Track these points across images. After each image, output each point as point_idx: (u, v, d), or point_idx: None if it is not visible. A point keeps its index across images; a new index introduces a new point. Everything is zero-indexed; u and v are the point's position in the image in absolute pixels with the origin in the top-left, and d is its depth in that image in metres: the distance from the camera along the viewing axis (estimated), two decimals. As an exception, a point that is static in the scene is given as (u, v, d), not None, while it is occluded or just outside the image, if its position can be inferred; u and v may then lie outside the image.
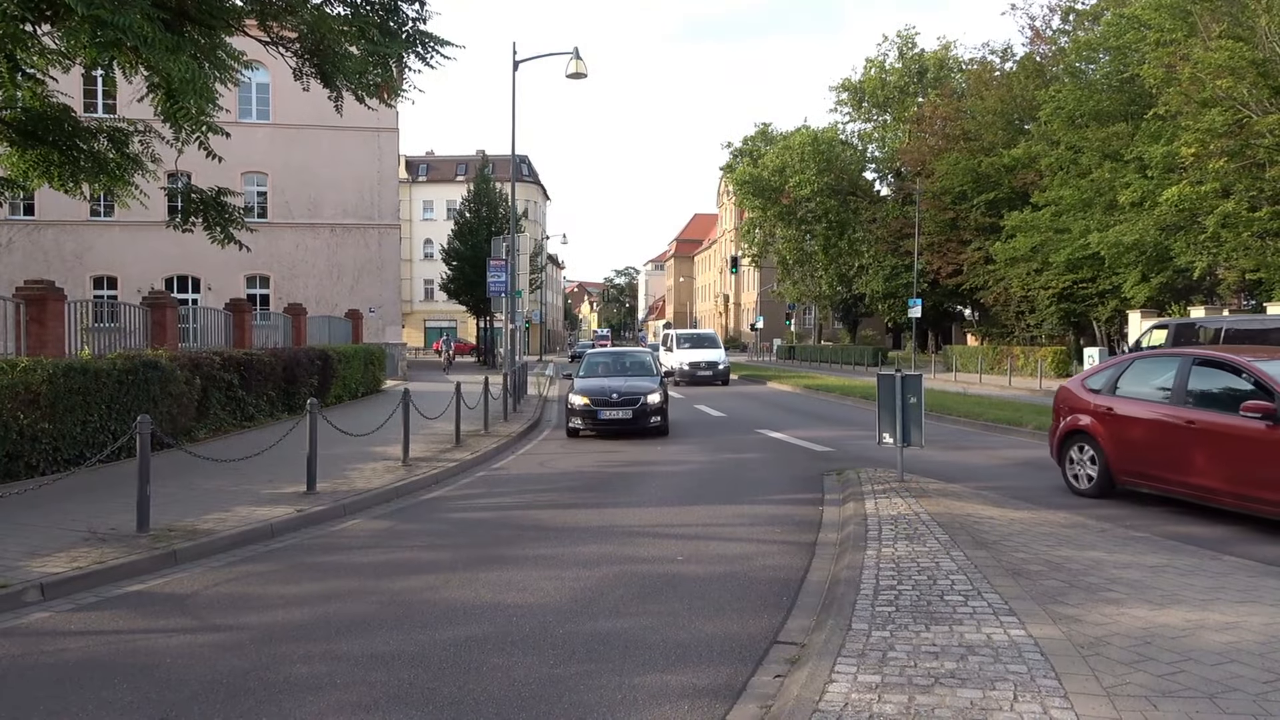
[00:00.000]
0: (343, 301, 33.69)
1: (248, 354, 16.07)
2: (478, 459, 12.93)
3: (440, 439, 14.60)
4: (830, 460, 12.76)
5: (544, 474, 12.07)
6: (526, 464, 13.01)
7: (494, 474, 12.04)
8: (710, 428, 17.81)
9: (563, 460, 13.51)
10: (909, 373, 10.17)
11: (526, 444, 15.49)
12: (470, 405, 15.64)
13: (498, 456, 13.67)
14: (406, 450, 11.92)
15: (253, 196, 33.85)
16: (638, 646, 5.32)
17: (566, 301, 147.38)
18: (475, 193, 50.12)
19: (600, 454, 14.11)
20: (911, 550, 6.85)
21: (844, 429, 17.40)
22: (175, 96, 9.24)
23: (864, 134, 52.54)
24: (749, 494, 10.21)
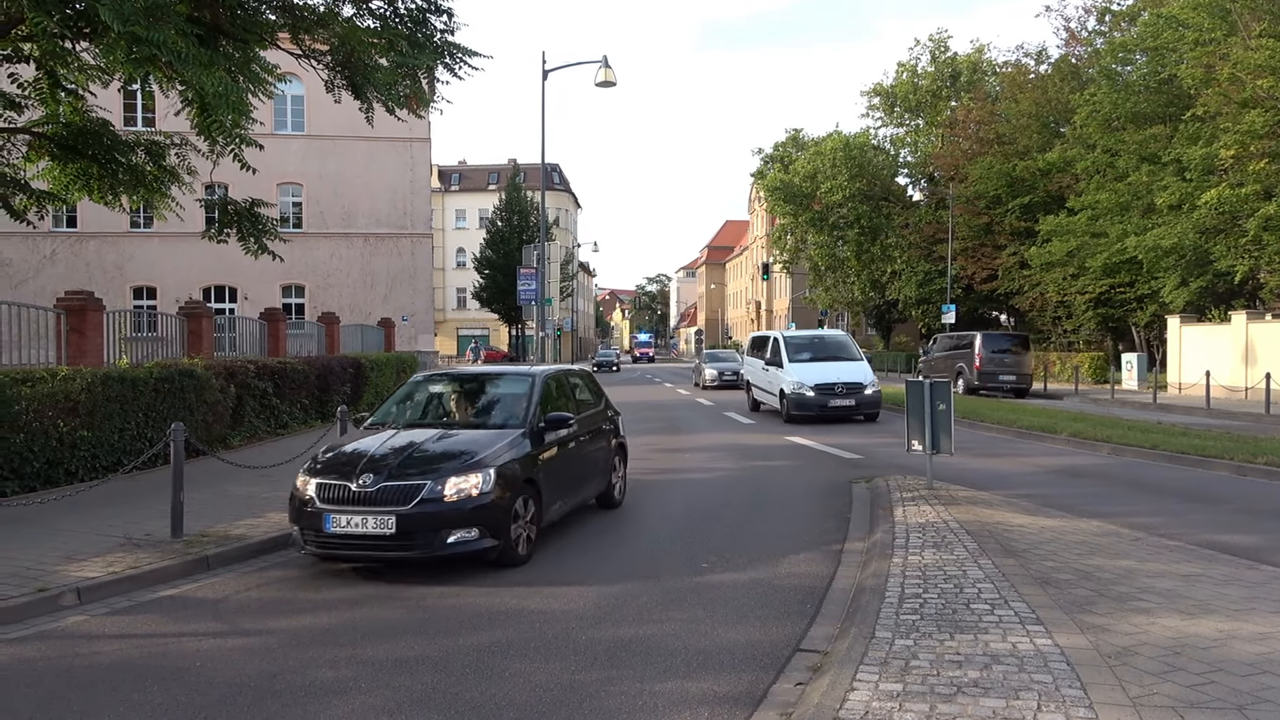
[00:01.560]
0: (376, 310, 34.09)
1: (282, 362, 16.31)
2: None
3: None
4: (859, 467, 12.67)
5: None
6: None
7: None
8: (739, 434, 17.80)
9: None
10: (938, 379, 10.09)
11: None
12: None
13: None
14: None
15: (288, 207, 34.41)
16: (660, 653, 5.33)
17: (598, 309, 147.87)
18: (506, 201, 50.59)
19: (633, 461, 14.04)
20: (938, 558, 6.80)
21: (874, 435, 17.30)
22: (209, 110, 9.44)
23: (896, 139, 52.22)
24: (776, 501, 10.17)
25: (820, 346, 20.90)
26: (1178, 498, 10.03)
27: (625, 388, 38.83)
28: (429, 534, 6.71)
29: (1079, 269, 33.17)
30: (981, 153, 40.94)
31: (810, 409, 18.85)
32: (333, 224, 34.83)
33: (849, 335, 21.68)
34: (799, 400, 19.00)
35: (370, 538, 6.72)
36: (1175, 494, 10.28)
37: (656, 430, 19.12)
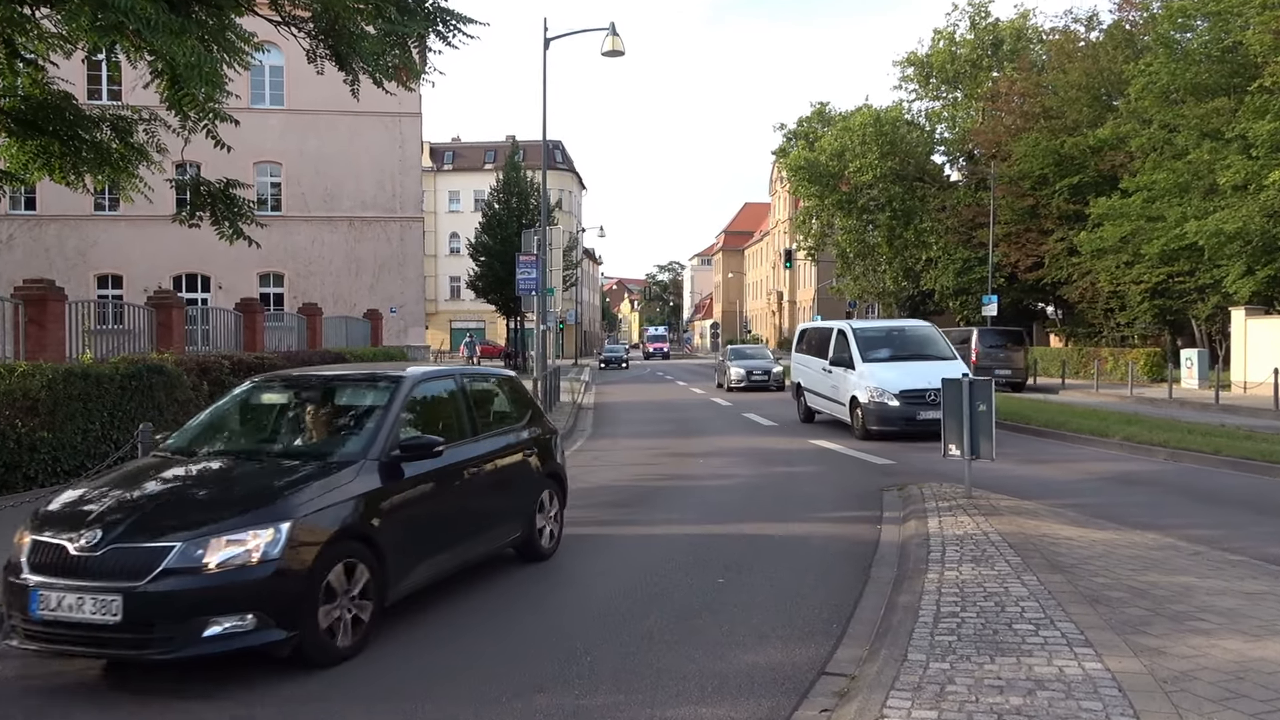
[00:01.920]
0: (361, 300, 34.20)
1: (259, 357, 16.37)
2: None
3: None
4: (891, 474, 12.68)
5: (575, 488, 12.11)
6: (556, 477, 13.15)
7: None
8: (759, 438, 17.80)
9: (598, 473, 13.58)
10: (978, 377, 10.06)
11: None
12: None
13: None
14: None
15: (266, 188, 34.53)
16: (671, 676, 5.35)
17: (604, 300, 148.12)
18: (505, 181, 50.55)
19: (639, 466, 14.17)
20: (978, 573, 6.79)
21: (907, 440, 17.37)
22: (180, 83, 9.45)
23: (932, 113, 52.08)
24: (799, 511, 10.19)
25: (900, 341, 17.93)
26: (1242, 508, 9.99)
27: (632, 386, 38.82)
28: (175, 623, 4.85)
29: (1133, 256, 33.01)
30: (1026, 128, 40.79)
31: (894, 422, 16.05)
32: (314, 206, 34.93)
33: (934, 327, 18.65)
34: (880, 411, 16.20)
35: (88, 627, 4.87)
36: (1239, 504, 10.24)
37: (665, 433, 19.15)
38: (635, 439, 18.18)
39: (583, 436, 18.80)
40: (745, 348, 36.92)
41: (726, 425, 20.77)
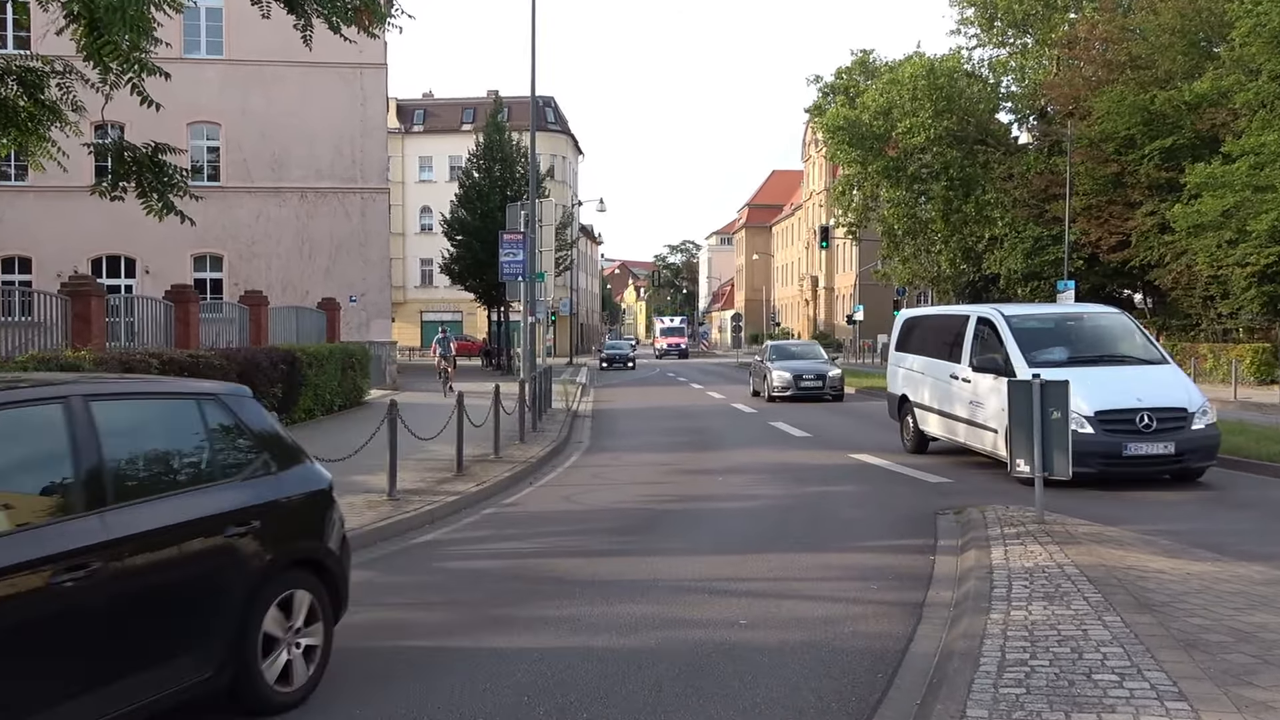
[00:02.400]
0: (315, 288, 34.30)
1: (193, 356, 16.44)
2: (485, 491, 13.12)
3: (437, 466, 14.83)
4: (947, 494, 12.73)
5: (571, 511, 12.20)
6: (548, 498, 13.17)
7: (506, 511, 12.20)
8: (789, 451, 17.80)
9: (595, 494, 13.61)
10: (1052, 378, 10.05)
11: (549, 472, 15.69)
12: (477, 423, 15.85)
13: (511, 488, 13.87)
14: (393, 480, 12.12)
15: (202, 153, 34.63)
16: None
17: (605, 287, 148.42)
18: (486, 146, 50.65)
19: (645, 485, 14.20)
20: (1050, 614, 6.79)
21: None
22: (100, 28, 9.46)
23: (996, 63, 51.98)
24: (837, 538, 10.20)
25: (1080, 337, 14.81)
26: (1368, 535, 9.97)
27: (639, 389, 38.87)
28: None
29: (1238, 234, 32.92)
30: (1109, 80, 40.72)
31: (1088, 460, 12.42)
32: (259, 176, 35.03)
33: (1128, 316, 15.57)
34: (1095, 448, 12.68)
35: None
36: (1364, 531, 10.22)
37: (677, 445, 19.24)
38: (641, 453, 18.24)
39: (578, 450, 18.85)
40: (790, 344, 35.58)
41: (750, 436, 20.79)
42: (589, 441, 20.55)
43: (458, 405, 14.73)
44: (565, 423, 22.63)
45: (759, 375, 32.10)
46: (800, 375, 29.67)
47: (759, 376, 32.05)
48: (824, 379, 29.72)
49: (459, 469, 14.35)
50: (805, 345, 35.47)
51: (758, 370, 32.72)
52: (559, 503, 12.85)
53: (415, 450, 15.99)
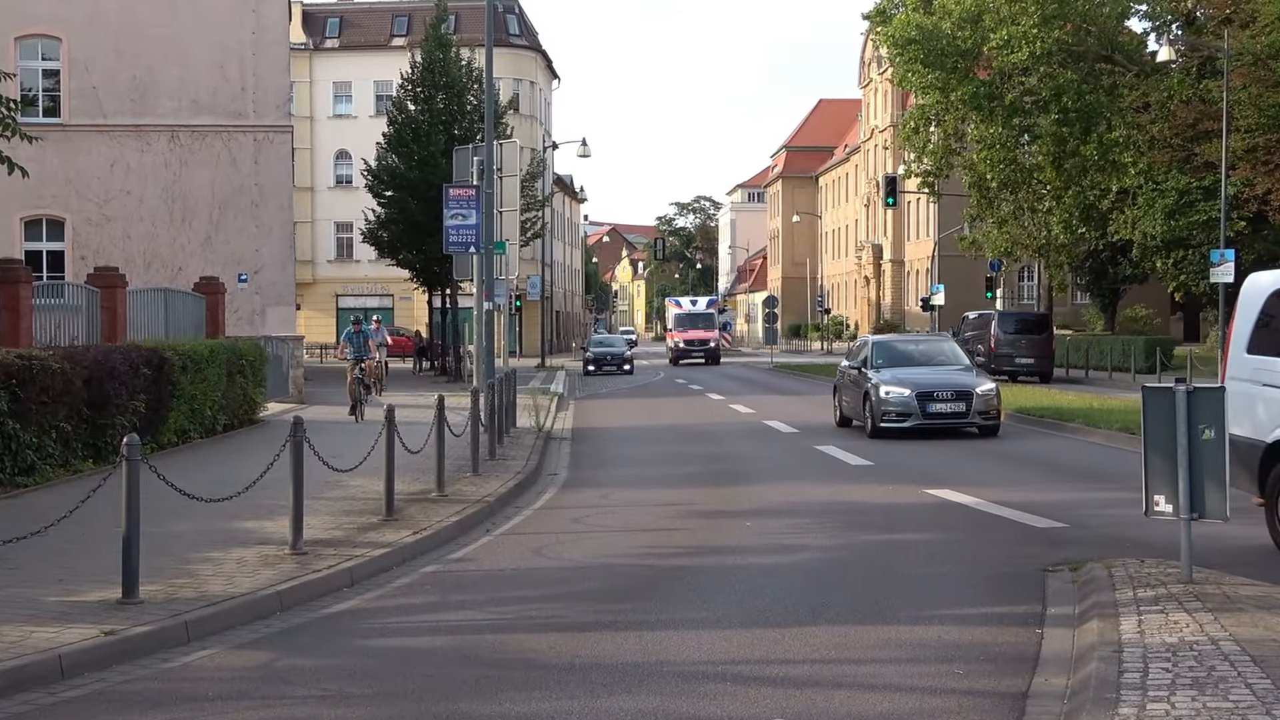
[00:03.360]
0: (192, 263, 34.26)
1: (23, 357, 16.41)
2: (425, 542, 13.09)
3: (360, 507, 14.80)
4: (1059, 543, 12.74)
5: (542, 570, 12.18)
6: (511, 551, 13.16)
7: (453, 569, 12.18)
8: (842, 485, 17.90)
9: (576, 545, 13.61)
10: (1204, 384, 10.06)
11: (512, 515, 15.69)
12: (414, 448, 15.80)
13: (461, 538, 13.83)
14: (299, 527, 12.10)
15: (34, 79, 34.58)
16: None
17: (590, 261, 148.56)
18: (425, 68, 50.53)
19: (645, 533, 14.22)
20: (1202, 707, 6.79)
21: (1085, 486, 17.32)
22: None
23: (1127, -50, 51.98)
24: (908, 605, 10.20)
25: None
26: None
27: (636, 402, 38.82)
28: None
29: None
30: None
31: None
32: (114, 110, 34.98)
33: None
34: None
35: None
36: None
37: (688, 478, 19.29)
38: (639, 488, 18.24)
39: (552, 485, 18.84)
40: (902, 343, 30.63)
41: (790, 466, 20.85)
42: (567, 473, 20.52)
43: (387, 425, 14.72)
44: (534, 448, 22.59)
45: (852, 393, 27.04)
46: (929, 393, 24.76)
47: (851, 394, 27.09)
48: (968, 399, 24.78)
49: (389, 511, 14.31)
50: (930, 342, 30.77)
51: (849, 384, 27.48)
52: (526, 557, 12.82)
53: (330, 486, 15.92)
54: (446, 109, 49.80)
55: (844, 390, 28.06)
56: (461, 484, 17.11)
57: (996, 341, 45.04)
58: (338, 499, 15.27)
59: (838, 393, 28.81)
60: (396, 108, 52.01)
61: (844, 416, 27.87)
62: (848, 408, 27.54)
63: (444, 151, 43.72)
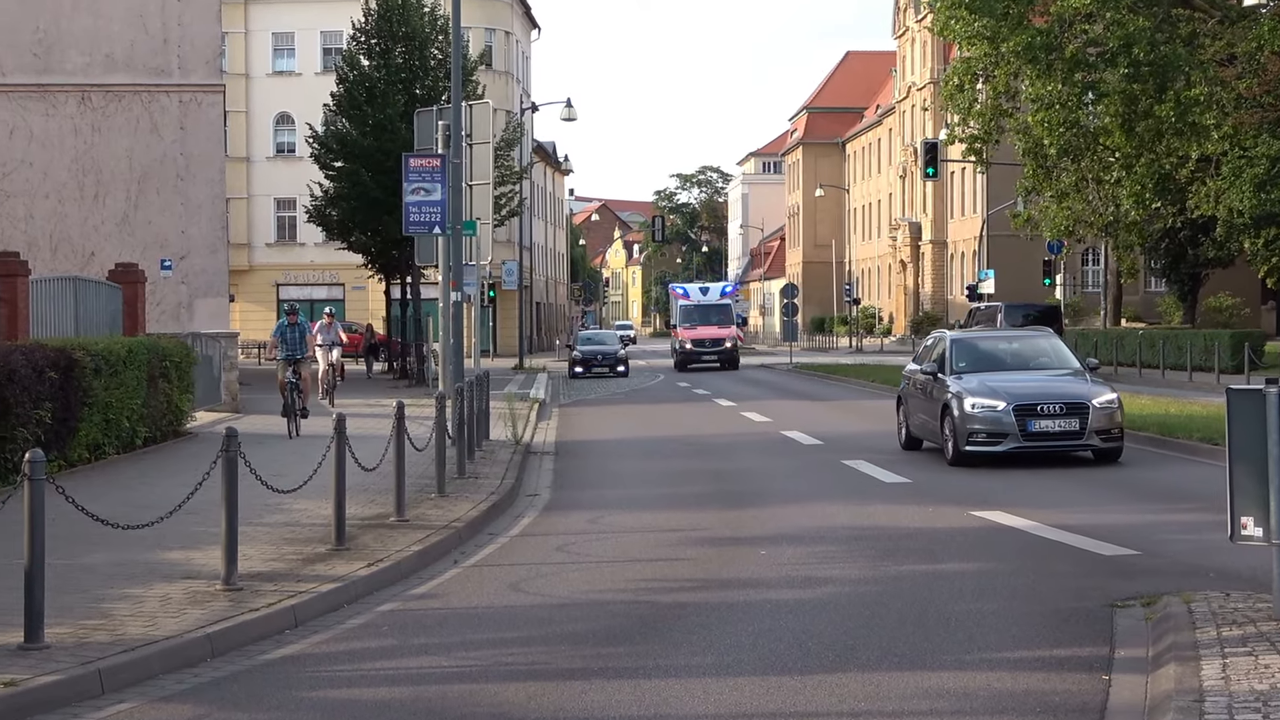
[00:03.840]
0: (106, 247, 34.21)
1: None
2: (382, 576, 13.03)
3: (305, 535, 14.79)
4: (1129, 574, 12.72)
5: (519, 608, 12.14)
6: (484, 586, 13.11)
7: (415, 607, 12.14)
8: (875, 506, 17.89)
9: (561, 578, 13.58)
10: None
11: (486, 544, 15.68)
12: (368, 465, 15.76)
13: (424, 570, 13.79)
14: (233, 559, 12.03)
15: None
16: None
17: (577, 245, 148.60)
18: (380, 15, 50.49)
19: (643, 564, 14.24)
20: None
21: (1160, 507, 17.34)
22: None
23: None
24: (952, 647, 10.17)
25: None
26: None
27: (631, 409, 38.84)
28: None
29: None
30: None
31: None
32: (14, 66, 34.92)
33: None
34: None
35: None
36: None
37: (694, 499, 19.34)
38: (635, 511, 18.28)
39: (532, 507, 18.80)
40: (990, 340, 28.16)
41: (813, 484, 20.91)
42: (549, 494, 20.55)
43: (337, 437, 14.67)
44: (511, 464, 22.56)
45: (923, 406, 24.80)
46: (1030, 406, 22.38)
47: (923, 408, 24.85)
48: (1083, 413, 22.33)
49: (339, 540, 14.25)
50: (1026, 339, 27.67)
51: (920, 394, 25.19)
52: (501, 593, 12.76)
53: (270, 509, 15.90)
54: (406, 64, 49.80)
55: (912, 402, 25.55)
56: (425, 507, 17.10)
57: None
58: (279, 525, 15.25)
59: (902, 405, 26.21)
60: (347, 63, 51.95)
61: (911, 436, 25.45)
62: (918, 425, 25.08)
63: (403, 115, 43.79)
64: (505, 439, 26.12)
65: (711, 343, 67.95)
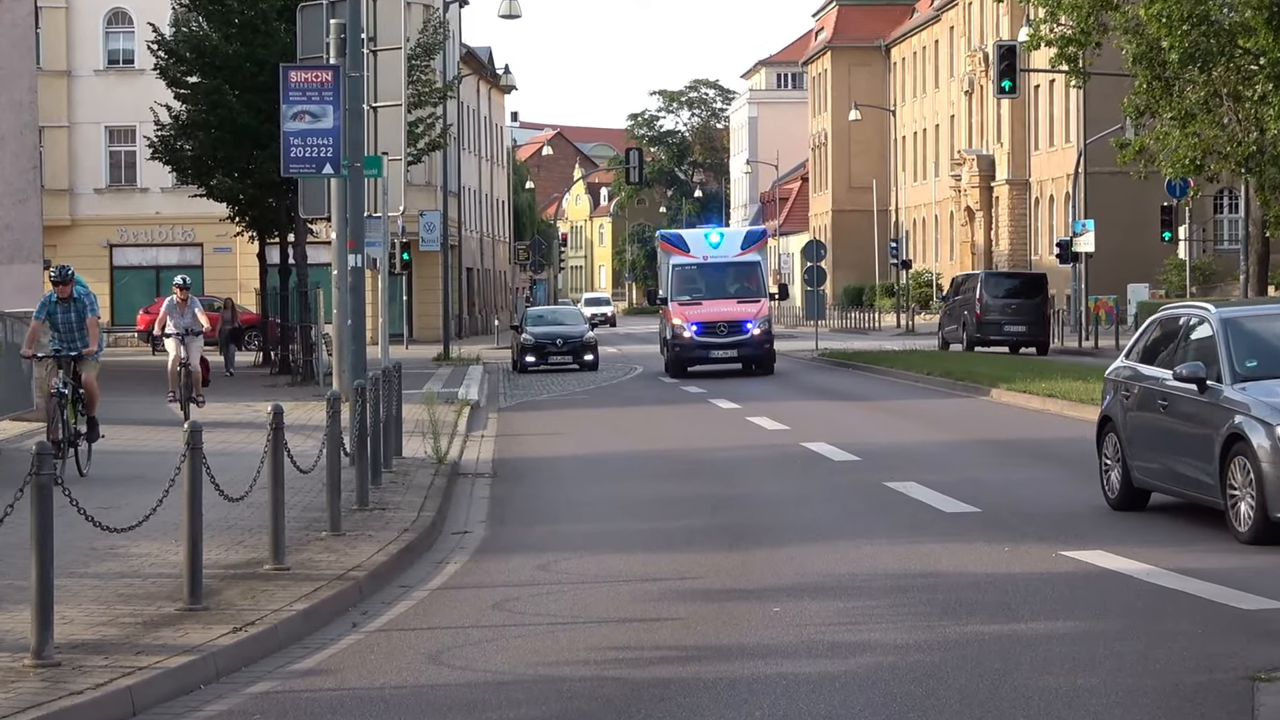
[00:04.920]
0: None
1: None
2: (253, 643, 12.94)
3: (149, 587, 14.74)
4: (1274, 632, 12.80)
5: (443, 688, 12.13)
6: (394, 657, 13.03)
7: (299, 689, 12.11)
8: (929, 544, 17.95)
9: (498, 646, 13.52)
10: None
11: (395, 600, 15.64)
12: (233, 494, 15.70)
13: (312, 636, 13.72)
14: (46, 622, 11.99)
15: None
16: None
17: (522, 187, 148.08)
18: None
19: (612, 627, 14.16)
20: None
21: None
22: None
23: None
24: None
25: None
26: None
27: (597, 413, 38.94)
28: None
29: None
30: None
31: None
32: None
33: None
34: None
35: None
36: None
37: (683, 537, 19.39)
38: (601, 553, 18.31)
39: (461, 551, 18.70)
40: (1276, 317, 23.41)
41: (845, 515, 21.01)
42: (485, 530, 20.62)
43: (189, 453, 14.62)
44: (432, 490, 22.55)
45: (1166, 434, 20.94)
46: None
47: (1165, 438, 20.96)
48: None
49: (194, 596, 14.19)
50: None
51: (1157, 412, 21.26)
52: (418, 668, 12.66)
53: (100, 555, 15.87)
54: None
55: (1135, 425, 21.85)
56: (313, 550, 17.07)
57: (983, 307, 54.84)
58: (113, 576, 15.19)
59: (1113, 432, 22.24)
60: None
61: (1134, 486, 21.42)
62: (1157, 470, 20.93)
63: (282, 11, 43.75)
64: (424, 456, 26.13)
65: (728, 328, 56.41)
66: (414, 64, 49.87)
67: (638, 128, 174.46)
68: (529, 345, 60.01)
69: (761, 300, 57.72)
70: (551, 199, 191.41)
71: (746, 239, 62.42)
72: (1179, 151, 55.23)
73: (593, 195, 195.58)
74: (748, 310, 56.28)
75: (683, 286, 58.04)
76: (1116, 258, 70.75)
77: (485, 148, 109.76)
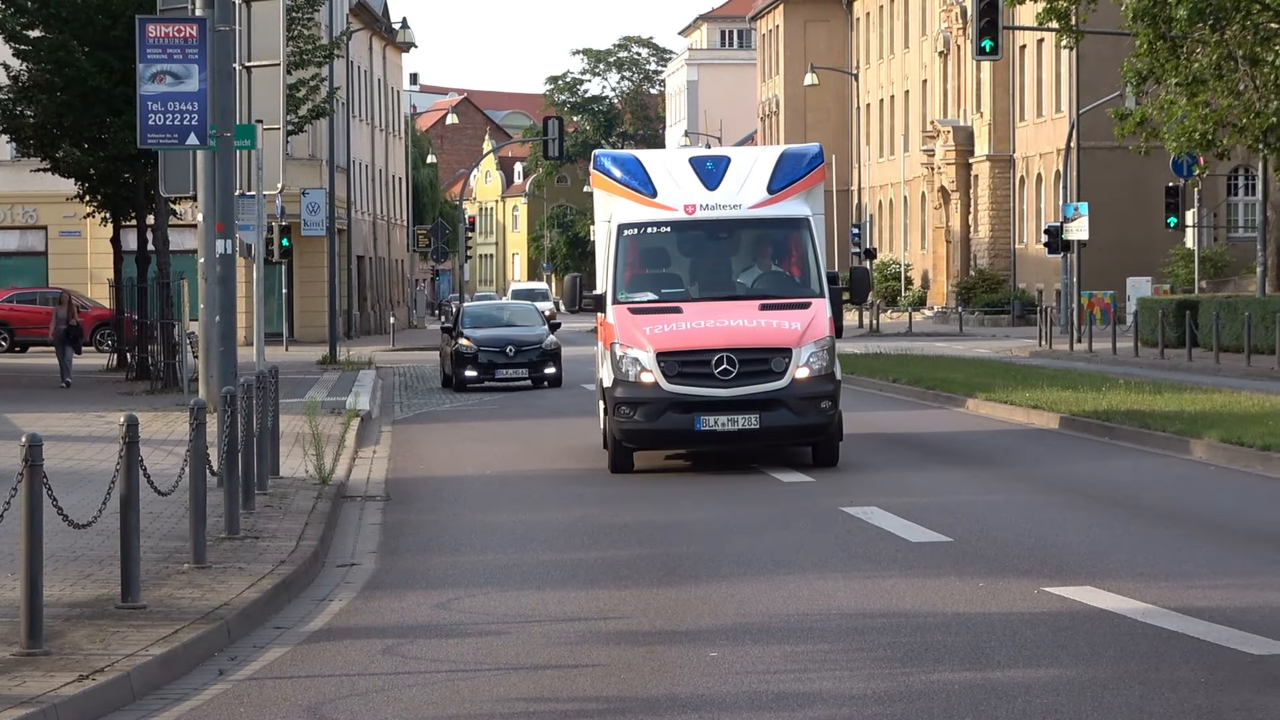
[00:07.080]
0: None
1: None
2: (100, 695, 12.84)
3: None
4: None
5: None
6: (265, 711, 12.89)
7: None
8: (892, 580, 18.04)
9: (388, 698, 13.43)
10: None
11: (268, 644, 15.56)
12: (80, 520, 15.64)
13: (170, 687, 13.64)
14: None
15: None
16: None
17: (423, 162, 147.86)
18: None
19: (520, 673, 14.19)
20: None
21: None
22: None
23: None
24: None
25: None
26: None
27: (503, 426, 39.06)
28: None
29: None
30: None
31: None
32: None
33: None
34: None
35: None
36: None
37: (610, 570, 19.56)
38: (512, 589, 18.41)
39: (348, 586, 18.72)
40: None
41: (794, 544, 21.11)
42: (375, 562, 20.69)
43: (27, 472, 14.59)
44: (314, 514, 22.57)
45: None
46: None
47: None
48: None
49: (33, 638, 14.14)
50: None
51: None
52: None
53: None
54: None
55: None
56: (174, 584, 17.05)
57: None
58: None
59: None
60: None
61: None
62: None
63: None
64: (305, 475, 26.18)
65: (741, 368, 30.88)
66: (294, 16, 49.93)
67: (558, 93, 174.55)
68: (468, 355, 53.68)
69: (814, 305, 32.57)
70: (457, 176, 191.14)
71: (780, 170, 34.22)
72: (1186, 123, 55.51)
73: (505, 172, 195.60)
74: (783, 328, 31.84)
75: (641, 274, 33.93)
76: (1114, 247, 71.15)
77: (379, 115, 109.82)
